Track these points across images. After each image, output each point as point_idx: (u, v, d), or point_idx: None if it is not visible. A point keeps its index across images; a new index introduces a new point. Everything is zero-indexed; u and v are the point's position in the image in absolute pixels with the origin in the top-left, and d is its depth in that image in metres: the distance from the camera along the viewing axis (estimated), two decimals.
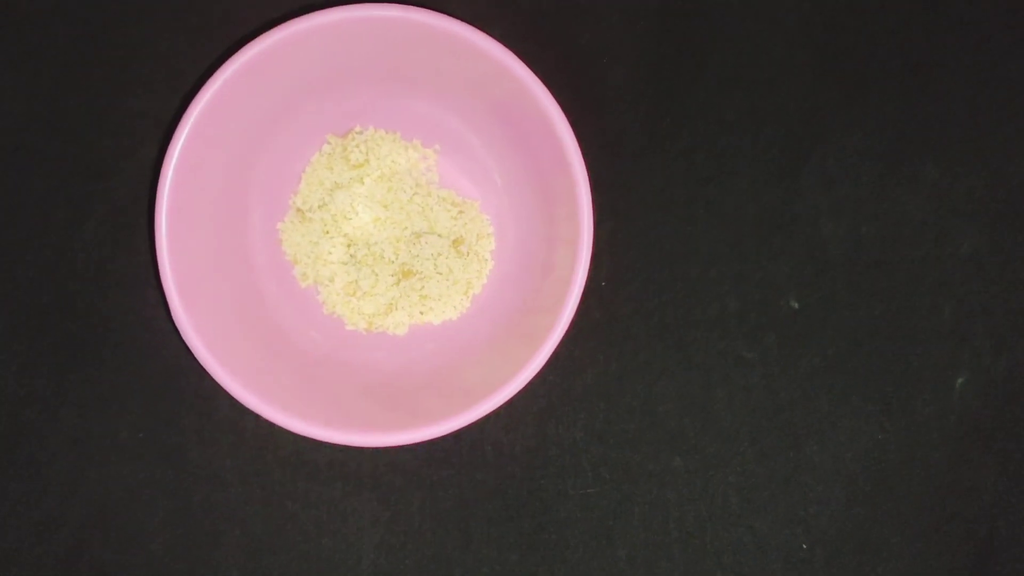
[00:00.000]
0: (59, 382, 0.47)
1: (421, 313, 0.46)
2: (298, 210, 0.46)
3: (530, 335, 0.43)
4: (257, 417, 0.45)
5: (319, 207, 0.46)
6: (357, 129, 0.46)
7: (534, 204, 0.46)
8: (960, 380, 0.48)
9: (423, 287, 0.45)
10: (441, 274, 0.46)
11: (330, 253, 0.46)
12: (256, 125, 0.44)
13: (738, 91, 0.48)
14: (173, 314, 0.43)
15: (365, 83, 0.45)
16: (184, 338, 0.43)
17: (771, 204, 0.48)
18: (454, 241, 0.46)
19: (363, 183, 0.45)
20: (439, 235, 0.45)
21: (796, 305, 0.48)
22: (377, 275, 0.45)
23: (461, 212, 0.46)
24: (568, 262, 0.43)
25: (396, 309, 0.46)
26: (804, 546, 0.49)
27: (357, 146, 0.46)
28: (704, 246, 0.48)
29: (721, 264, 0.48)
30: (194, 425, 0.49)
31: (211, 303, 0.44)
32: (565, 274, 0.43)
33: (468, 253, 0.46)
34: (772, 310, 0.48)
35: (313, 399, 0.44)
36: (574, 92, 0.45)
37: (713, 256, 0.48)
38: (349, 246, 0.46)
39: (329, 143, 0.46)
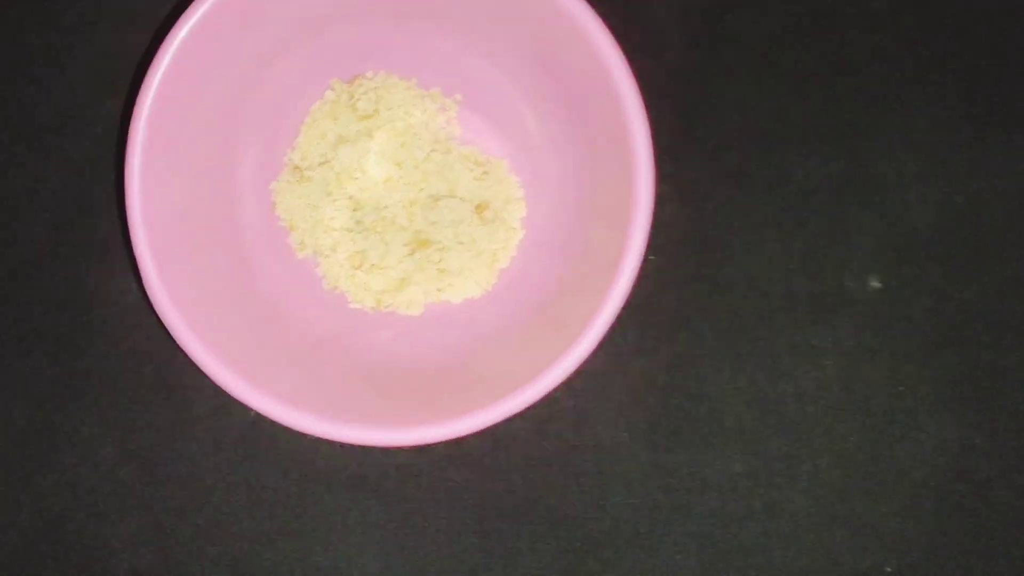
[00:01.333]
0: (7, 370, 0.43)
1: (439, 290, 0.41)
2: (295, 167, 0.42)
3: (568, 320, 0.38)
4: (243, 409, 0.39)
5: (320, 164, 0.41)
6: (367, 74, 0.42)
7: (576, 165, 0.40)
8: None
9: (441, 259, 0.41)
10: (463, 244, 0.41)
11: (332, 218, 0.41)
12: (245, 67, 0.39)
13: (806, 36, 0.44)
14: (146, 285, 0.37)
15: (376, 18, 0.40)
16: (159, 313, 0.37)
17: (847, 167, 0.44)
18: (478, 206, 0.41)
19: (372, 137, 0.41)
20: (460, 199, 0.41)
21: (877, 285, 0.43)
22: (387, 245, 0.41)
23: (486, 172, 0.41)
24: (617, 236, 0.37)
25: (409, 285, 0.41)
26: (888, 569, 0.42)
27: (366, 93, 0.41)
28: (768, 216, 0.43)
29: (787, 237, 0.43)
30: (169, 419, 0.43)
31: (191, 275, 0.38)
32: (613, 251, 0.37)
33: (494, 220, 0.41)
34: (848, 291, 0.43)
35: (310, 388, 0.38)
36: (622, 28, 0.38)
37: (778, 228, 0.43)
38: (355, 210, 0.41)
39: (333, 90, 0.42)
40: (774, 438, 0.43)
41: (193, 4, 0.37)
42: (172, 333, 0.38)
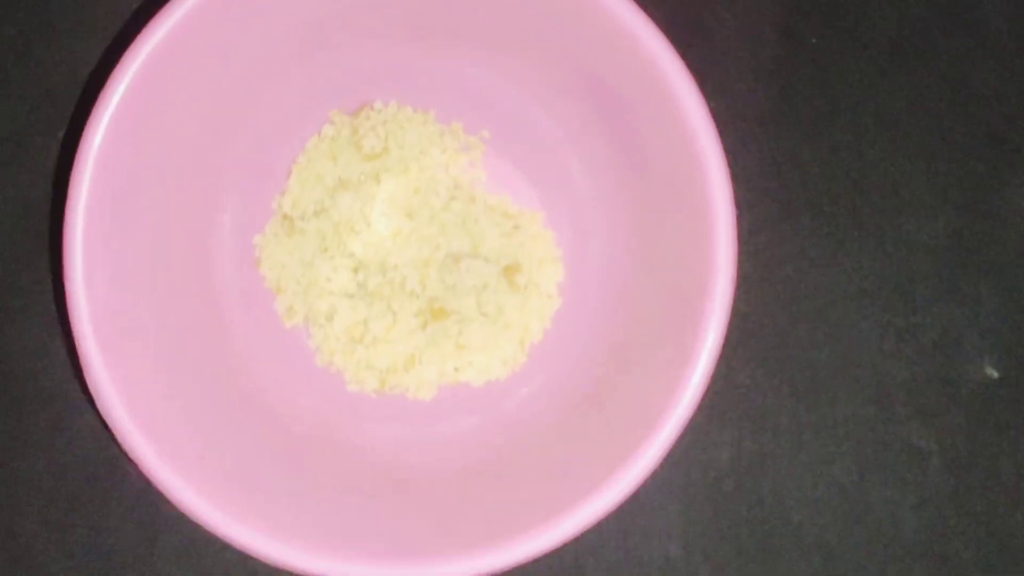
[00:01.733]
0: None
1: (456, 370, 0.37)
2: (285, 217, 0.37)
3: (623, 415, 0.33)
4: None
5: (315, 214, 0.37)
6: (375, 105, 0.38)
7: (629, 221, 0.36)
8: None
9: (460, 333, 0.36)
10: (487, 315, 0.37)
11: (329, 280, 0.37)
12: (225, 94, 0.35)
13: (911, 64, 0.39)
14: (85, 369, 0.31)
15: (387, 37, 0.36)
16: (100, 407, 0.31)
17: (959, 224, 0.39)
18: (506, 268, 0.37)
19: (379, 182, 0.37)
20: (485, 259, 0.37)
21: (995, 374, 0.39)
22: (395, 314, 0.36)
23: (517, 227, 0.37)
24: (688, 312, 0.32)
25: (421, 363, 0.37)
26: None
27: (372, 128, 0.37)
28: (860, 287, 0.39)
29: (880, 311, 0.39)
30: (131, 537, 0.37)
31: (146, 353, 0.33)
32: (683, 330, 0.32)
33: (526, 286, 0.37)
34: (957, 379, 0.38)
35: (297, 503, 0.33)
36: (687, 56, 0.33)
37: (872, 301, 0.39)
38: (357, 271, 0.37)
39: (333, 123, 0.38)
40: (863, 558, 0.38)
41: (159, 14, 0.31)
42: (116, 434, 0.31)
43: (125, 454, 0.31)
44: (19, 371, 0.38)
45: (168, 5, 0.31)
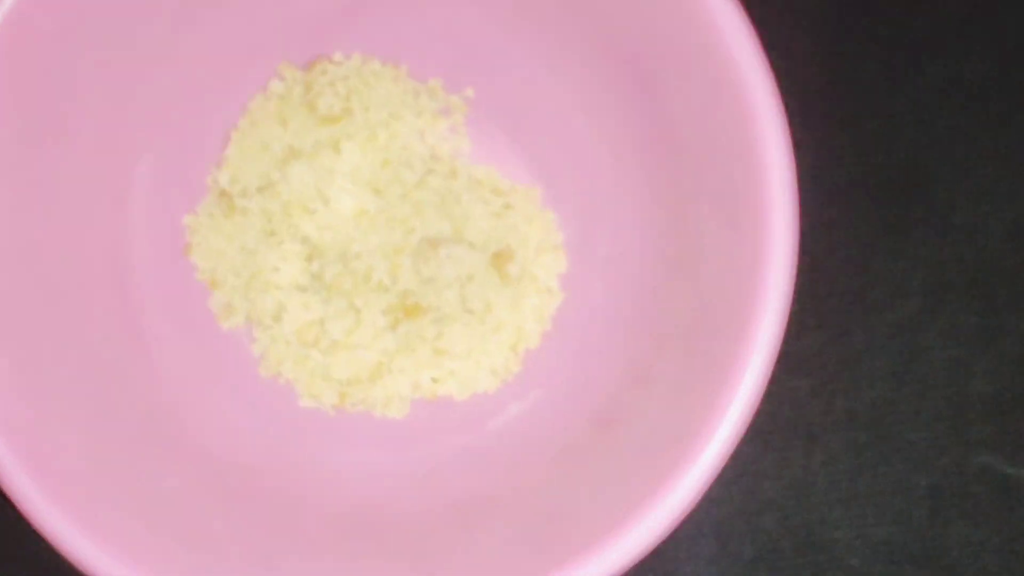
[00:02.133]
0: None
1: (434, 380, 0.33)
2: (222, 194, 0.33)
3: (644, 436, 0.28)
4: None
5: (260, 190, 0.33)
6: (334, 56, 0.33)
7: (653, 199, 0.31)
8: None
9: (440, 335, 0.32)
10: (472, 314, 0.32)
11: (277, 270, 0.32)
12: (142, 36, 0.30)
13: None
14: None
15: None
16: None
17: None
18: (495, 256, 0.33)
19: (339, 151, 0.33)
20: (470, 245, 0.33)
21: None
22: (359, 312, 0.32)
23: (508, 206, 0.33)
24: (732, 319, 0.26)
25: (391, 372, 0.32)
26: None
27: (331, 85, 0.33)
28: (923, 276, 0.34)
29: (955, 310, 0.34)
30: None
31: (32, 362, 0.28)
32: (725, 341, 0.26)
33: (520, 278, 0.33)
34: None
35: (235, 556, 0.27)
36: None
37: (941, 295, 0.34)
38: (311, 259, 0.33)
39: (282, 78, 0.33)
40: None
41: None
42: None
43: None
44: None
45: None
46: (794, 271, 0.26)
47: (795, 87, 0.34)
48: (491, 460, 0.31)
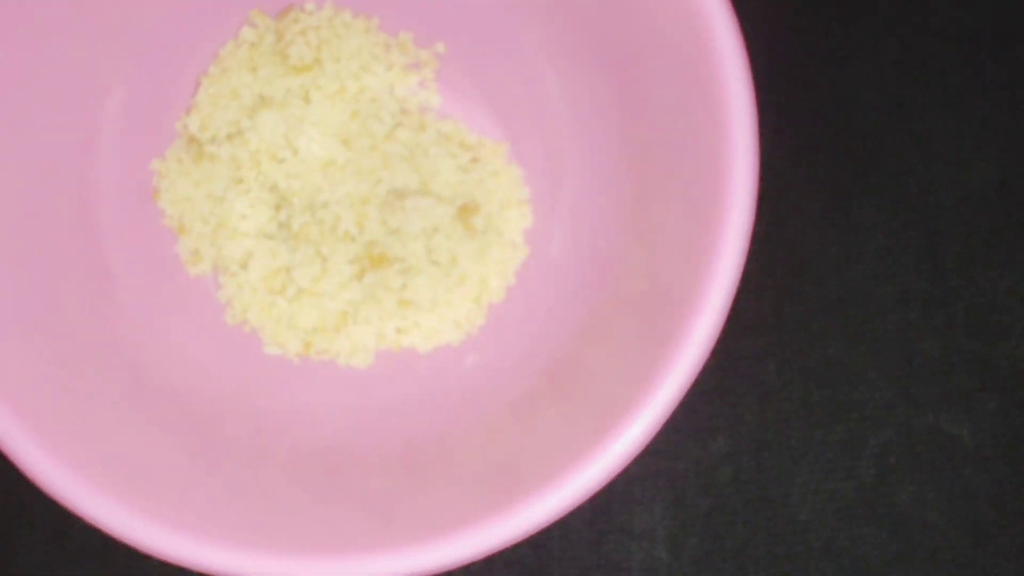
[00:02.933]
0: None
1: (399, 331, 0.32)
2: (191, 140, 0.32)
3: (598, 392, 0.28)
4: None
5: (229, 137, 0.32)
6: (306, 6, 0.32)
7: (617, 153, 0.31)
8: None
9: (405, 286, 0.31)
10: (437, 264, 0.32)
11: (244, 218, 0.32)
12: None
13: None
14: None
15: None
16: None
17: (993, 170, 0.34)
18: (462, 209, 0.32)
19: (309, 101, 0.32)
20: (437, 197, 0.32)
21: None
22: (325, 260, 0.31)
23: (475, 160, 0.33)
24: (688, 271, 0.26)
25: (356, 322, 0.32)
26: None
27: (302, 34, 0.32)
28: (874, 241, 0.34)
29: (904, 274, 0.34)
30: None
31: (3, 311, 0.27)
32: (681, 291, 0.26)
33: (485, 231, 0.32)
34: (993, 356, 0.34)
35: (201, 492, 0.27)
36: None
37: (891, 260, 0.34)
38: (278, 207, 0.32)
39: (253, 26, 0.32)
40: (883, 566, 0.33)
41: None
42: None
43: None
44: None
45: None
46: (748, 237, 0.26)
47: (758, 50, 0.33)
48: (446, 405, 0.31)
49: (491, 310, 0.32)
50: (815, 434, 0.33)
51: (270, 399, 0.31)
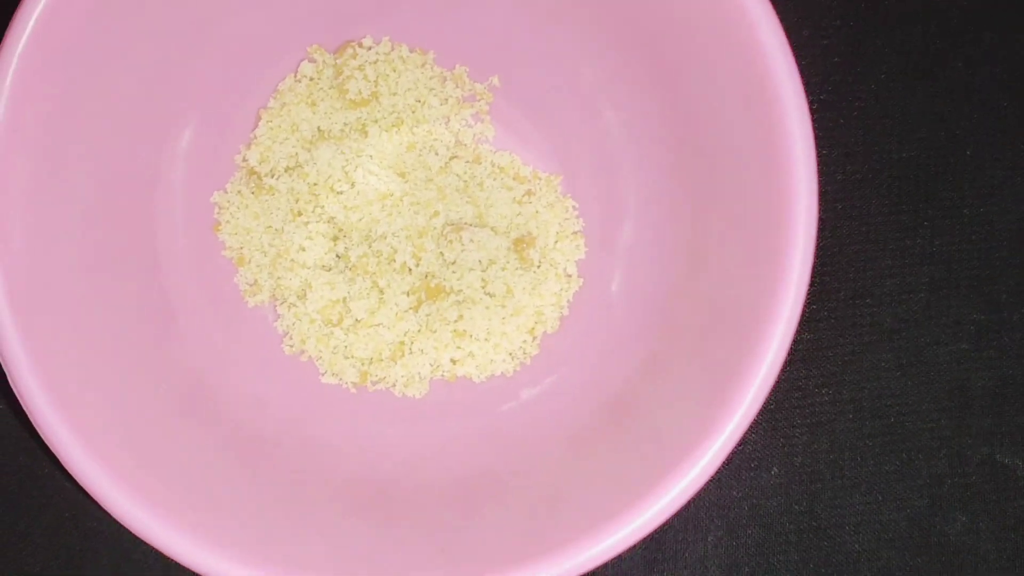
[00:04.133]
0: None
1: (453, 362, 0.32)
2: (251, 172, 0.32)
3: (657, 422, 0.28)
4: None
5: (288, 170, 0.32)
6: (363, 41, 0.32)
7: (676, 189, 0.30)
8: None
9: (460, 317, 0.31)
10: (493, 296, 0.31)
11: (302, 250, 0.31)
12: (178, 16, 0.29)
13: None
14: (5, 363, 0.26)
15: None
16: (16, 390, 0.26)
17: None
18: (517, 241, 0.32)
19: (367, 134, 0.31)
20: (492, 230, 0.32)
21: None
22: (382, 292, 0.31)
23: (530, 193, 0.32)
24: (752, 304, 0.26)
25: (411, 353, 0.31)
26: None
27: (360, 69, 0.31)
28: (930, 271, 0.33)
29: (959, 304, 0.33)
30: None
31: (70, 331, 0.27)
32: (744, 326, 0.26)
33: (540, 264, 0.32)
34: None
35: (257, 518, 0.27)
36: None
37: (946, 290, 0.33)
38: (336, 239, 0.32)
39: (312, 61, 0.32)
40: None
41: None
42: (42, 432, 0.26)
43: (47, 455, 0.26)
44: None
45: None
46: (809, 274, 0.26)
47: (814, 84, 0.33)
48: (502, 440, 0.31)
49: (546, 341, 0.32)
50: (868, 464, 0.32)
51: (326, 428, 0.31)
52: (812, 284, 0.32)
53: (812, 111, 0.33)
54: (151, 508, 0.25)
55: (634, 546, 0.29)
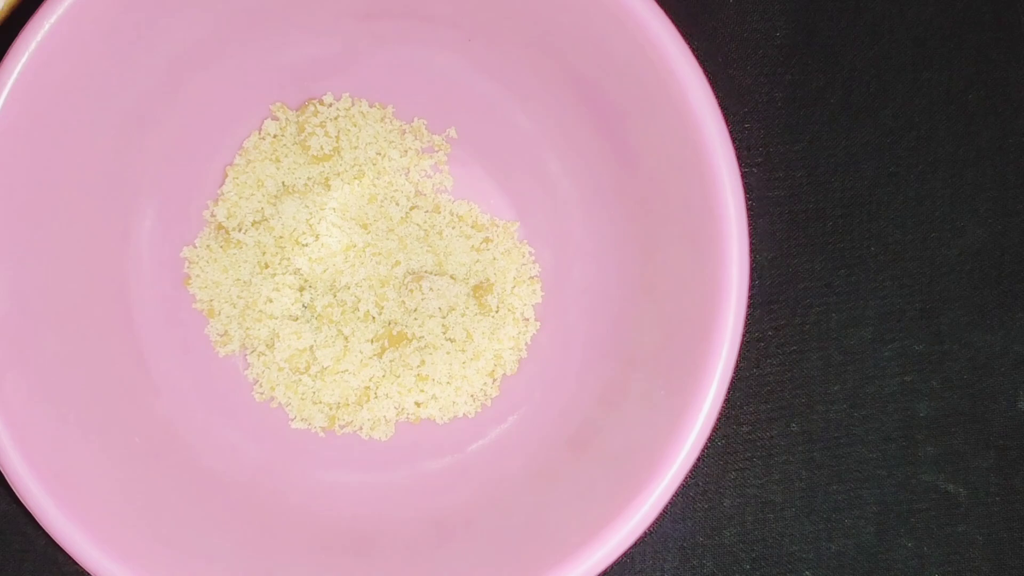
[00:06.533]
0: None
1: (417, 405, 0.33)
2: (219, 227, 0.33)
3: (613, 456, 0.28)
4: None
5: (254, 224, 0.32)
6: (324, 98, 0.33)
7: (621, 232, 0.32)
8: None
9: (423, 362, 0.32)
10: (453, 342, 0.32)
11: (270, 301, 0.32)
12: (143, 77, 0.30)
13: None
14: None
15: (340, 17, 0.31)
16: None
17: (987, 235, 0.34)
18: (476, 288, 0.32)
19: (329, 188, 0.32)
20: (452, 278, 0.33)
21: None
22: (347, 340, 0.32)
23: (488, 240, 0.33)
24: (693, 343, 0.27)
25: (377, 397, 0.32)
26: None
27: (321, 125, 0.32)
28: (873, 305, 0.34)
29: (903, 337, 0.34)
30: None
31: (43, 385, 0.28)
32: (688, 362, 0.27)
33: (498, 309, 0.33)
34: (988, 415, 0.34)
35: (229, 566, 0.28)
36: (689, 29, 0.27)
37: (890, 323, 0.34)
38: (302, 290, 0.32)
39: (275, 119, 0.33)
40: None
41: None
42: (13, 484, 0.26)
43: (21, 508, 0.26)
44: None
45: None
46: (746, 296, 0.27)
47: (758, 126, 0.34)
48: (470, 479, 0.31)
49: (506, 382, 0.33)
50: (817, 494, 0.33)
51: (296, 474, 0.31)
52: (761, 321, 0.33)
53: (754, 151, 0.34)
54: (125, 561, 0.26)
55: None
